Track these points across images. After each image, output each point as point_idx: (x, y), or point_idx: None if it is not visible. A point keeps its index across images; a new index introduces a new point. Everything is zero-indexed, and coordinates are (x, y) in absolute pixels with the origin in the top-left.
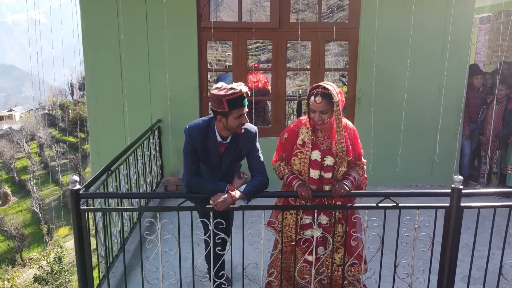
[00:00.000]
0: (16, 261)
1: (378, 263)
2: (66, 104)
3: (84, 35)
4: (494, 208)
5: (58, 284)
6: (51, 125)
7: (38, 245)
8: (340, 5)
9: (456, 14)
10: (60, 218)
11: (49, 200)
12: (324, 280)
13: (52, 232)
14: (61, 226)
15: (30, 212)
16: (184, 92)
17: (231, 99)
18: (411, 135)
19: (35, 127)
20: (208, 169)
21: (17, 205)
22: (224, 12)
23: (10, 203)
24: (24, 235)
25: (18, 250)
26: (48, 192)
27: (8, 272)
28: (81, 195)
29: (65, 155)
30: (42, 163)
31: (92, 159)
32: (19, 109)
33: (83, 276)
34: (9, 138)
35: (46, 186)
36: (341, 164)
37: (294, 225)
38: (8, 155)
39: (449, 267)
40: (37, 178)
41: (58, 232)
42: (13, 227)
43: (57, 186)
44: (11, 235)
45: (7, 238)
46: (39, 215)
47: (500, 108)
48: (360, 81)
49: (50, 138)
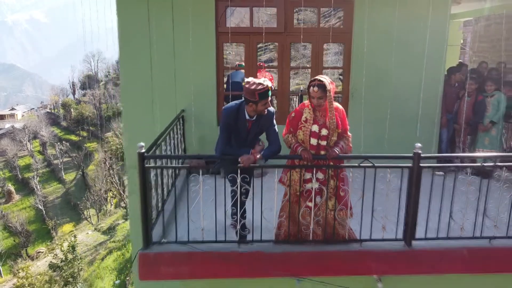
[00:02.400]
0: (22, 256)
1: (360, 209)
2: (68, 103)
3: (121, 39)
4: (445, 168)
5: (71, 272)
6: (53, 124)
7: (43, 241)
8: (338, 13)
9: (433, 21)
10: (64, 215)
11: (52, 198)
12: (320, 221)
13: (56, 228)
14: (65, 223)
15: (34, 209)
16: (204, 87)
17: (261, 92)
18: (395, 124)
19: (38, 125)
20: (236, 140)
21: (21, 202)
22: (237, 18)
23: (14, 200)
24: (28, 232)
25: (24, 246)
26: (51, 190)
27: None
28: (145, 156)
29: (68, 153)
30: (45, 161)
31: (125, 144)
32: (21, 108)
33: (145, 214)
34: (11, 137)
35: (49, 184)
36: (332, 134)
37: (298, 180)
38: (11, 154)
39: (413, 211)
40: (41, 176)
41: (62, 228)
42: (18, 224)
43: (60, 184)
44: (16, 231)
45: (11, 235)
46: (42, 212)
47: (471, 100)
48: (353, 79)
49: (53, 136)
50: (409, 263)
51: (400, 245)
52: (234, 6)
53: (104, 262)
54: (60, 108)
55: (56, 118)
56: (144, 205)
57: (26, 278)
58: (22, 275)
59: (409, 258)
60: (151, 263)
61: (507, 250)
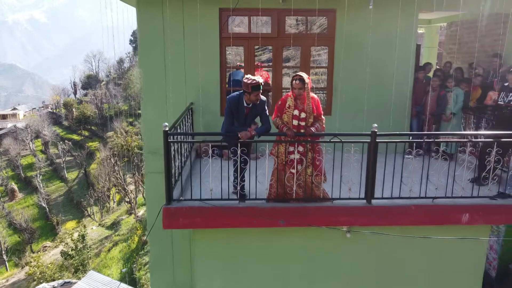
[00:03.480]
0: (27, 252)
1: (331, 175)
2: (70, 102)
3: (141, 46)
4: (396, 143)
5: (81, 260)
6: (55, 123)
7: (46, 238)
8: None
9: (402, 28)
10: (67, 213)
11: (55, 196)
12: (301, 183)
13: (60, 224)
14: (67, 220)
15: (37, 207)
16: (209, 83)
17: (253, 86)
18: (371, 114)
19: (40, 125)
20: (237, 122)
21: (24, 200)
22: (237, 25)
23: (17, 199)
24: (33, 229)
25: (28, 242)
26: (54, 188)
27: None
28: (168, 133)
29: (71, 152)
30: (47, 160)
31: (143, 132)
32: (23, 107)
33: (168, 178)
34: (14, 136)
35: (52, 183)
36: (309, 117)
37: (284, 152)
38: (13, 153)
39: (372, 176)
40: (43, 175)
41: (65, 225)
42: (22, 221)
43: (63, 183)
44: (21, 228)
45: (16, 232)
46: (46, 210)
47: (434, 95)
48: (336, 76)
49: (55, 136)
50: (369, 217)
51: (362, 203)
52: (235, 15)
53: (111, 253)
54: (61, 108)
55: (57, 117)
56: (167, 171)
57: (38, 267)
58: (34, 264)
59: (369, 213)
60: (172, 216)
61: (445, 207)
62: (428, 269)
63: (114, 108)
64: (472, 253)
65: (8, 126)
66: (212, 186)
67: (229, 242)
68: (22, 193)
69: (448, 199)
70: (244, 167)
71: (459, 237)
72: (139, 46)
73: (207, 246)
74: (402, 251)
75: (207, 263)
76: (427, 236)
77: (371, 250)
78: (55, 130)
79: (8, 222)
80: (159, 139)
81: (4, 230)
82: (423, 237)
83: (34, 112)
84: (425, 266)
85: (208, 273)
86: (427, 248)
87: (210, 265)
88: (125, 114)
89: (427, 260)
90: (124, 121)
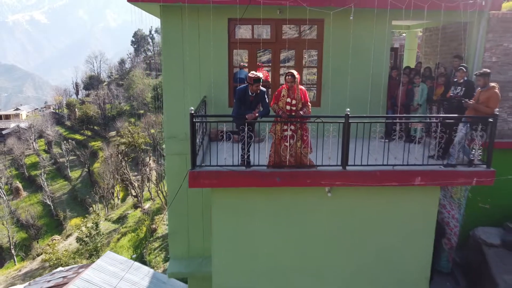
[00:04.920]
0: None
1: (315, 148)
2: (72, 103)
3: (164, 48)
4: (363, 123)
5: (95, 246)
6: (58, 123)
7: (52, 234)
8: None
9: (377, 35)
10: (71, 210)
11: (59, 194)
12: (293, 154)
13: (67, 220)
14: (72, 217)
15: (41, 204)
16: (220, 80)
17: (254, 79)
18: (353, 106)
19: (43, 125)
20: (244, 107)
21: (28, 199)
22: (242, 31)
23: (21, 197)
24: (38, 225)
25: (35, 238)
26: (58, 187)
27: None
28: (193, 115)
29: (74, 151)
30: (51, 159)
31: (165, 120)
32: (25, 108)
33: (193, 150)
34: (17, 136)
35: (55, 181)
36: (299, 103)
37: (280, 130)
38: (17, 152)
39: (346, 148)
40: (47, 174)
41: (70, 222)
42: (28, 217)
43: (66, 181)
44: (28, 224)
45: (21, 229)
46: (51, 207)
47: (404, 89)
48: (324, 74)
49: (58, 135)
50: (345, 179)
51: (339, 169)
52: (241, 24)
53: (120, 242)
54: (64, 108)
55: (60, 118)
56: (192, 144)
57: (53, 253)
58: (50, 251)
59: (345, 176)
60: (195, 177)
61: (403, 172)
62: (390, 221)
63: (117, 108)
64: (425, 208)
65: (11, 126)
66: (226, 156)
67: (239, 198)
68: (27, 191)
69: (404, 166)
70: (250, 141)
71: None
72: (163, 49)
73: (222, 201)
74: (370, 207)
75: (222, 216)
76: (390, 197)
77: (346, 206)
78: (58, 130)
79: (15, 219)
80: (178, 126)
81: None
82: (386, 199)
83: (36, 112)
84: (387, 218)
85: (223, 223)
86: (389, 204)
87: (225, 217)
88: (128, 114)
89: (389, 213)
90: (127, 121)
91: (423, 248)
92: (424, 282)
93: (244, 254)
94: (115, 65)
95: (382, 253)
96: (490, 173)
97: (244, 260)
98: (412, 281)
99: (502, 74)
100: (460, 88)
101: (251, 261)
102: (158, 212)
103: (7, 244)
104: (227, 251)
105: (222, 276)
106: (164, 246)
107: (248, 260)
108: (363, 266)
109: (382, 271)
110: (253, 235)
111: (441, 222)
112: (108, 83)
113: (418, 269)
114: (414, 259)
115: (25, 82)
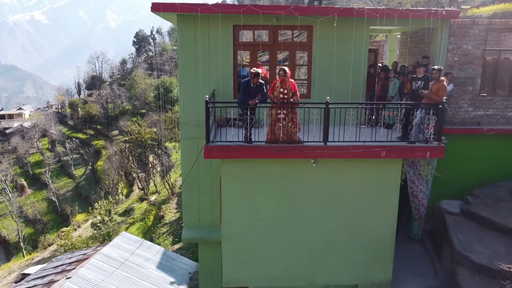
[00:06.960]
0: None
1: (303, 129)
2: (75, 102)
3: (180, 50)
4: (340, 109)
5: (107, 231)
6: (61, 123)
7: (57, 229)
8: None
9: (357, 38)
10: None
11: (63, 192)
12: (285, 132)
13: (70, 218)
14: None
15: (46, 201)
16: (226, 76)
17: (254, 73)
18: (337, 98)
19: (47, 124)
20: (247, 96)
21: (33, 196)
22: (245, 35)
23: (26, 194)
24: (45, 221)
25: (42, 233)
26: (62, 185)
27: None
28: (208, 102)
29: (78, 150)
30: (55, 157)
31: (181, 109)
32: (28, 107)
33: (207, 128)
34: (21, 135)
35: (60, 179)
36: (289, 93)
37: (275, 113)
38: (21, 151)
39: (326, 127)
40: (52, 172)
41: (76, 218)
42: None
43: (70, 179)
44: (34, 220)
45: (27, 224)
46: (56, 204)
47: (380, 84)
48: (313, 72)
49: (61, 134)
50: (326, 152)
51: (322, 144)
52: (244, 29)
53: (128, 230)
54: (66, 108)
55: (63, 117)
56: (207, 124)
57: (69, 239)
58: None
59: (326, 150)
60: (209, 150)
61: (371, 147)
62: (362, 187)
63: (119, 107)
64: (390, 178)
65: (15, 125)
66: (232, 134)
67: (243, 169)
68: (31, 189)
69: (373, 142)
70: (252, 122)
71: None
72: (179, 51)
73: (231, 170)
74: (347, 175)
75: (230, 183)
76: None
77: (328, 175)
78: (61, 129)
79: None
80: (192, 114)
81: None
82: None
83: (39, 112)
84: (360, 185)
85: (230, 189)
86: (361, 174)
87: (232, 184)
88: (130, 114)
89: (362, 181)
90: (130, 120)
91: (389, 211)
92: (390, 238)
93: (246, 212)
94: (116, 65)
95: (356, 213)
96: (441, 148)
97: (247, 216)
98: (379, 237)
99: (462, 71)
100: (420, 82)
101: (252, 217)
102: (164, 202)
103: (16, 238)
104: (234, 209)
105: (230, 227)
106: (172, 231)
107: (250, 217)
108: (341, 223)
109: (356, 229)
110: (254, 198)
111: (411, 195)
112: (110, 83)
113: (385, 227)
114: (382, 219)
115: (26, 82)
